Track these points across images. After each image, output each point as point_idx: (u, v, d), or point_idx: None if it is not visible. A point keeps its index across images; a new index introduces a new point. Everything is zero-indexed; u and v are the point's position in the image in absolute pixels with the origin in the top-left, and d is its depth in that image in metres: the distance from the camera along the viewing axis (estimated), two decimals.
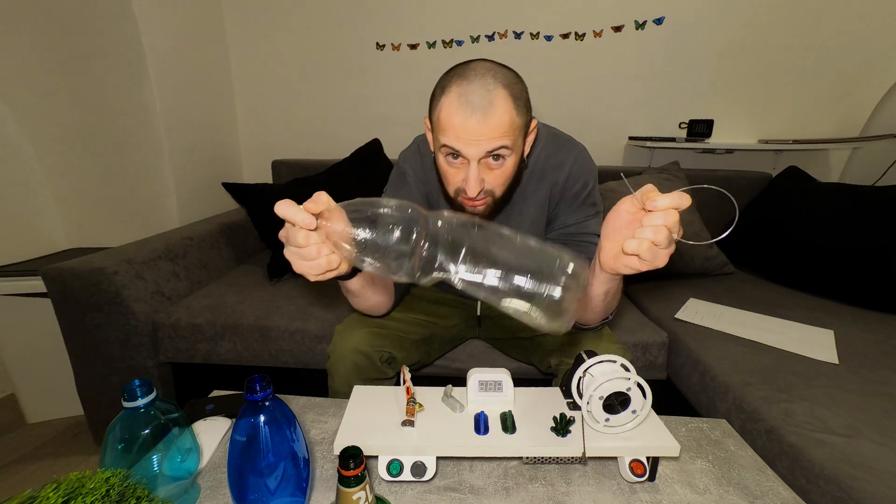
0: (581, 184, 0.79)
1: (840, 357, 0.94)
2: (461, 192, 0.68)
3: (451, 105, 0.62)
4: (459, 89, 0.62)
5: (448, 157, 0.66)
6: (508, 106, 0.62)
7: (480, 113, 0.60)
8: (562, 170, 0.79)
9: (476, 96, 0.60)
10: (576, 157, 0.80)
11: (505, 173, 0.67)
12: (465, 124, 0.61)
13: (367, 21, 1.72)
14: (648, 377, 1.08)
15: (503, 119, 0.61)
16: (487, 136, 0.61)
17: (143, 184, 1.51)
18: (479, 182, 0.64)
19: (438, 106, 0.64)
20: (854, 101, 1.65)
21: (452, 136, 0.62)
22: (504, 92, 0.62)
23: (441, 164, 0.68)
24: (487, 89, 0.61)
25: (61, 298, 1.08)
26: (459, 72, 0.64)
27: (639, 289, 1.38)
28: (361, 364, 0.79)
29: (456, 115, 0.61)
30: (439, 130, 0.64)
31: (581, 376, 0.56)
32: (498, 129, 0.61)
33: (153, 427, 0.48)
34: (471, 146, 0.62)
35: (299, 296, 1.23)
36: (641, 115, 1.75)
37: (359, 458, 0.41)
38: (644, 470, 0.54)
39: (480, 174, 0.65)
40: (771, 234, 1.45)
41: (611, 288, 0.62)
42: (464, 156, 0.63)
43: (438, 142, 0.65)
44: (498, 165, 0.65)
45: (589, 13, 1.65)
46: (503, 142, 0.62)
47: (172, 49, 1.46)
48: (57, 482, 0.39)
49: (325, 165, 1.64)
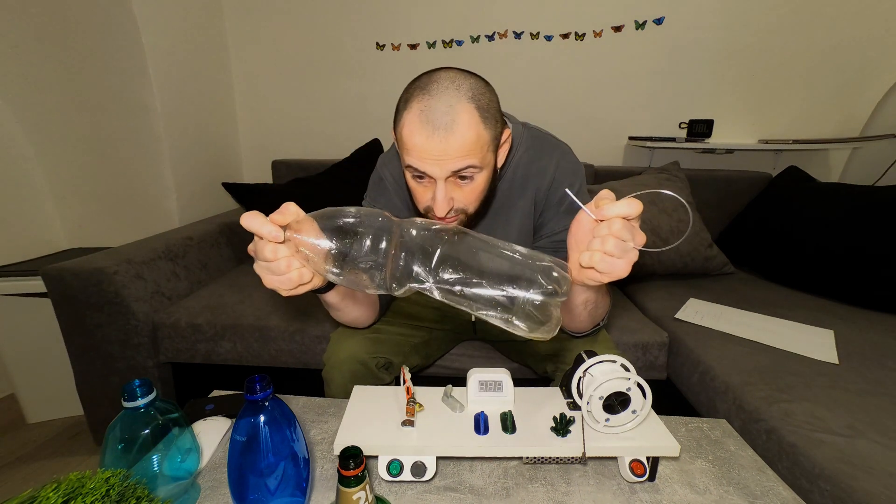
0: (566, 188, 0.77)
1: (840, 357, 0.94)
2: (430, 210, 0.64)
3: (413, 123, 0.58)
4: (420, 105, 0.58)
5: (414, 177, 0.63)
6: (473, 121, 0.58)
7: (442, 132, 0.56)
8: (545, 175, 0.75)
9: (437, 114, 0.56)
10: (558, 160, 0.76)
11: (475, 190, 0.64)
12: (427, 144, 0.57)
13: (367, 21, 1.72)
14: (648, 377, 1.08)
15: (467, 136, 0.57)
16: (451, 155, 0.57)
17: (143, 184, 1.51)
18: (447, 202, 0.61)
19: (401, 122, 0.60)
20: (854, 101, 1.65)
21: (416, 157, 0.59)
22: (468, 106, 0.57)
23: (409, 181, 0.65)
24: (450, 105, 0.57)
25: (61, 298, 1.08)
26: (422, 84, 0.60)
27: (639, 289, 1.38)
28: (358, 372, 0.78)
29: (417, 135, 0.57)
30: (402, 149, 0.61)
31: (581, 376, 0.56)
32: (462, 147, 0.57)
33: (153, 427, 0.48)
34: (434, 166, 0.58)
35: (299, 297, 1.23)
36: (641, 115, 1.75)
37: (359, 458, 0.41)
38: (644, 470, 0.54)
39: (449, 193, 0.61)
40: (771, 234, 1.45)
41: (589, 297, 0.61)
42: (429, 176, 0.60)
43: (404, 161, 0.62)
44: (467, 183, 0.62)
45: (589, 13, 1.65)
46: (468, 161, 0.58)
47: (172, 49, 1.46)
48: (57, 482, 0.39)
49: (325, 165, 1.64)
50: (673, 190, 1.49)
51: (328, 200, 0.77)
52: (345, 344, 0.80)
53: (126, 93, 1.40)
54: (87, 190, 1.52)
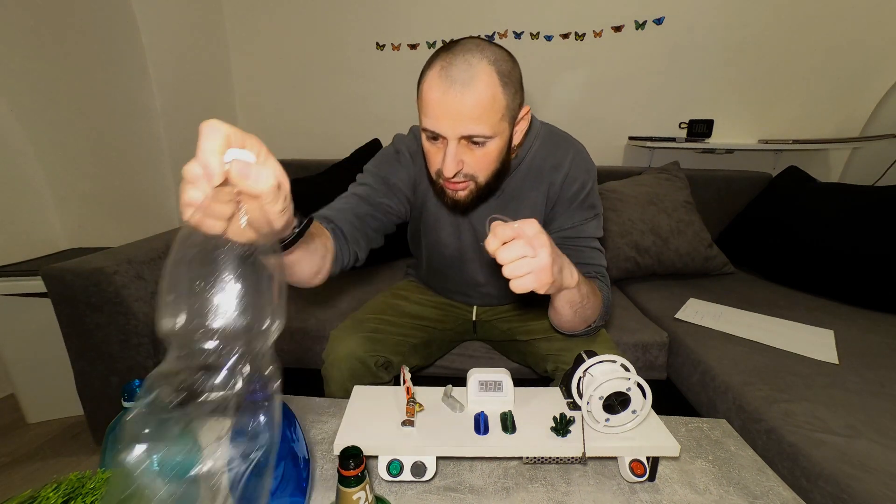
0: (579, 185, 0.76)
1: (840, 357, 0.94)
2: (441, 174, 0.65)
3: (432, 79, 0.59)
4: (442, 63, 0.58)
5: (430, 139, 0.63)
6: (492, 81, 0.58)
7: (459, 87, 0.57)
8: (559, 170, 0.76)
9: (457, 70, 0.57)
10: (573, 156, 0.77)
11: (487, 157, 0.64)
12: (443, 99, 0.57)
13: (367, 21, 1.72)
14: (648, 377, 1.08)
15: (483, 95, 0.57)
16: (466, 114, 0.57)
17: (143, 184, 1.51)
18: (456, 162, 0.61)
19: (422, 81, 0.61)
20: (854, 101, 1.65)
21: (431, 115, 0.59)
22: (489, 68, 0.58)
23: (424, 146, 0.66)
24: (469, 63, 0.57)
25: (61, 298, 1.08)
26: (446, 48, 0.61)
27: (639, 289, 1.38)
28: (357, 370, 0.78)
29: (435, 89, 0.58)
30: (421, 111, 0.62)
31: (581, 376, 0.56)
32: (477, 106, 0.57)
33: None
34: (446, 126, 0.59)
35: (299, 296, 1.23)
36: (641, 115, 1.75)
37: (359, 458, 0.41)
38: (644, 470, 0.54)
39: (459, 155, 0.61)
40: (771, 234, 1.45)
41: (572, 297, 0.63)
42: (441, 135, 0.60)
43: (421, 122, 0.63)
44: (478, 149, 0.62)
45: (589, 13, 1.65)
46: (480, 128, 0.59)
47: (172, 49, 1.46)
48: (57, 482, 0.39)
49: (325, 165, 1.64)
50: (673, 189, 1.49)
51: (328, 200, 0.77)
52: (344, 342, 0.80)
53: (126, 93, 1.40)
54: (87, 190, 1.52)
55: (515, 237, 0.50)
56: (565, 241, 0.76)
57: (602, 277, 0.76)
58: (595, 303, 0.70)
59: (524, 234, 0.51)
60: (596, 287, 0.71)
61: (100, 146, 1.47)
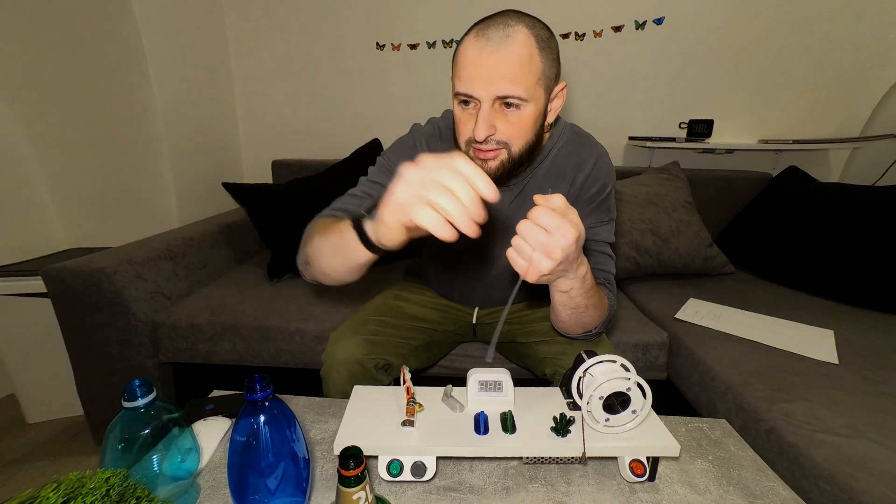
0: (599, 186, 0.76)
1: (840, 357, 0.94)
2: (472, 142, 0.63)
3: (469, 40, 0.59)
4: (480, 26, 0.59)
5: (461, 104, 0.62)
6: (529, 42, 0.57)
7: (494, 44, 0.56)
8: (582, 169, 0.76)
9: (494, 30, 0.57)
10: (597, 158, 0.77)
11: (522, 123, 0.62)
12: (478, 56, 0.57)
13: (367, 21, 1.72)
14: (648, 377, 1.08)
15: (520, 54, 0.56)
16: (500, 73, 0.56)
17: (143, 184, 1.51)
18: (487, 126, 0.59)
19: (458, 49, 0.61)
20: (854, 101, 1.65)
21: (464, 76, 0.59)
22: (526, 31, 0.58)
23: (455, 112, 0.64)
24: (508, 24, 0.57)
25: (61, 298, 1.08)
26: (483, 18, 0.61)
27: (639, 289, 1.38)
28: (355, 372, 0.78)
29: (471, 48, 0.58)
30: (455, 76, 0.61)
31: (581, 376, 0.56)
32: (511, 65, 0.56)
33: (153, 427, 0.48)
34: (478, 81, 0.57)
35: (299, 296, 1.23)
36: (641, 115, 1.75)
37: (359, 458, 0.41)
38: (644, 470, 0.54)
39: (491, 119, 0.60)
40: (771, 234, 1.45)
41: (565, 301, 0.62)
42: (475, 97, 0.59)
43: (454, 88, 0.62)
44: (512, 113, 0.61)
45: (589, 13, 1.65)
46: (513, 89, 0.57)
47: (172, 49, 1.46)
48: (57, 482, 0.39)
49: (325, 165, 1.64)
50: (673, 189, 1.49)
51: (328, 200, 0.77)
52: (343, 344, 0.79)
53: (126, 93, 1.40)
54: (87, 190, 1.52)
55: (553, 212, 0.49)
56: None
57: (609, 285, 0.76)
58: (598, 313, 0.69)
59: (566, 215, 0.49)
60: (605, 297, 0.71)
61: (100, 146, 1.47)
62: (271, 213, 1.38)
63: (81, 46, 1.35)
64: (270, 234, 1.38)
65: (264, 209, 1.39)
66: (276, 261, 1.35)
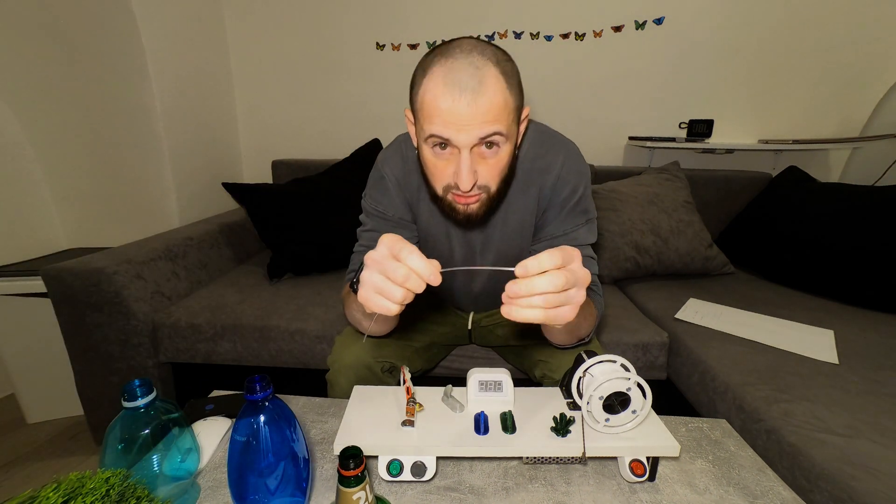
0: (570, 189, 0.72)
1: (840, 357, 0.94)
2: (451, 188, 0.61)
3: (436, 87, 0.55)
4: (444, 69, 0.55)
5: (435, 148, 0.59)
6: (500, 85, 0.55)
7: (470, 93, 0.53)
8: (549, 173, 0.72)
9: (464, 74, 0.54)
10: (564, 158, 0.72)
11: (500, 164, 0.60)
12: (454, 107, 0.54)
13: (367, 21, 1.72)
14: (648, 377, 1.08)
15: (496, 99, 0.54)
16: (479, 119, 0.54)
17: (143, 184, 1.51)
18: (472, 173, 0.57)
19: (421, 90, 0.57)
20: (854, 101, 1.65)
21: (440, 123, 0.55)
22: (495, 70, 0.55)
23: (427, 157, 0.61)
24: (476, 67, 0.54)
25: (61, 298, 1.08)
26: (441, 51, 0.57)
27: (639, 289, 1.38)
28: (363, 376, 0.78)
29: (443, 98, 0.54)
30: (424, 118, 0.57)
31: (581, 376, 0.56)
32: (491, 111, 0.54)
33: (153, 427, 0.48)
34: (461, 132, 0.55)
35: (299, 296, 1.23)
36: (641, 115, 1.75)
37: (359, 458, 0.41)
38: (644, 470, 0.54)
39: (473, 165, 0.57)
40: (771, 234, 1.45)
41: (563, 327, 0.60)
42: (454, 144, 0.56)
43: (424, 132, 0.58)
44: (492, 154, 0.58)
45: (589, 13, 1.65)
46: (497, 127, 0.55)
47: (172, 49, 1.46)
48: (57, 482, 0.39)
49: (324, 165, 1.64)
50: (673, 189, 1.49)
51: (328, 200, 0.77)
52: (350, 348, 0.79)
53: (126, 93, 1.40)
54: (87, 190, 1.52)
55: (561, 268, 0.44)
56: None
57: (594, 286, 0.74)
58: (590, 323, 0.69)
59: (572, 268, 0.45)
60: (593, 305, 0.70)
61: (100, 146, 1.47)
62: (271, 213, 1.38)
63: (81, 46, 1.35)
64: (270, 234, 1.38)
65: (264, 209, 1.39)
66: (276, 261, 1.35)
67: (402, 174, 0.76)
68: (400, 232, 0.76)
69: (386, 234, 0.47)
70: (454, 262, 0.82)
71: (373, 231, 0.77)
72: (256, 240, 1.59)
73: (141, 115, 1.42)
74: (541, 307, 0.43)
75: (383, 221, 0.77)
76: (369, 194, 0.79)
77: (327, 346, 1.11)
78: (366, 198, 0.79)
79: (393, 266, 0.45)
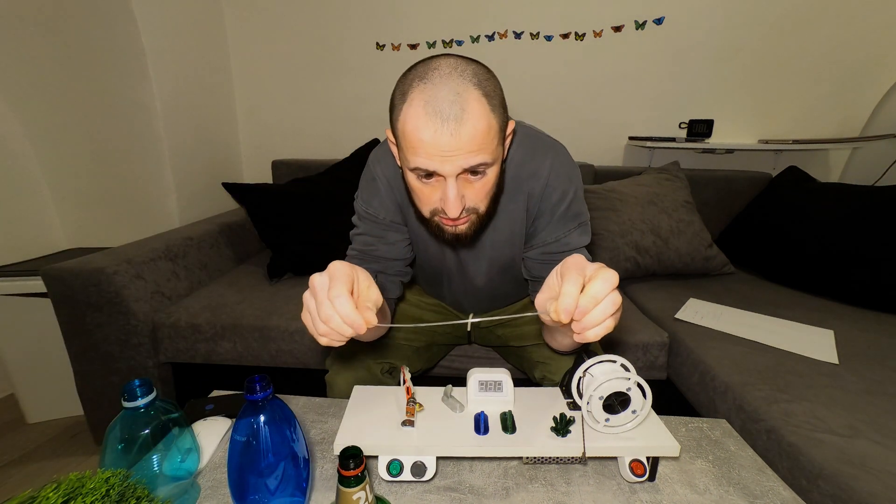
0: (559, 194, 0.70)
1: (840, 357, 0.94)
2: (439, 212, 0.59)
3: (417, 117, 0.52)
4: (423, 96, 0.52)
5: (420, 178, 0.57)
6: (483, 110, 0.53)
7: (453, 123, 0.51)
8: (537, 179, 0.69)
9: (444, 103, 0.51)
10: (552, 162, 0.69)
11: (486, 186, 0.58)
12: (436, 139, 0.52)
13: (367, 21, 1.72)
14: (648, 377, 1.08)
15: (479, 126, 0.52)
16: (464, 149, 0.52)
17: (143, 184, 1.51)
18: (459, 200, 0.56)
19: (402, 117, 0.55)
20: (854, 101, 1.65)
21: (423, 155, 0.53)
22: (476, 93, 0.53)
23: (412, 184, 0.59)
24: (456, 93, 0.52)
25: (61, 298, 1.08)
26: (420, 73, 0.55)
27: (639, 289, 1.38)
28: (362, 377, 0.78)
29: (424, 129, 0.52)
30: (406, 148, 0.55)
31: (581, 376, 0.56)
32: (475, 139, 0.52)
33: (153, 427, 0.48)
34: (446, 163, 0.53)
35: (299, 296, 1.22)
36: (641, 115, 1.75)
37: (359, 458, 0.41)
38: (644, 470, 0.54)
39: (460, 191, 0.56)
40: (771, 234, 1.45)
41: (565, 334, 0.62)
42: (439, 174, 0.55)
43: (408, 162, 0.56)
44: (478, 178, 0.57)
45: (589, 13, 1.65)
46: (482, 157, 0.54)
47: (172, 49, 1.46)
48: (57, 482, 0.39)
49: (324, 165, 1.64)
50: (673, 189, 1.49)
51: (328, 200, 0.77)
52: (349, 349, 0.79)
53: (126, 93, 1.40)
54: (87, 190, 1.52)
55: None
56: (550, 258, 0.72)
57: None
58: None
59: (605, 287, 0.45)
60: None
61: (100, 146, 1.47)
62: (271, 213, 1.38)
63: (82, 46, 1.35)
64: (270, 234, 1.38)
65: (264, 209, 1.39)
66: (275, 261, 1.35)
67: (394, 174, 0.74)
68: (391, 235, 0.76)
69: (335, 263, 0.48)
70: (446, 266, 0.82)
71: (365, 235, 0.76)
72: (256, 240, 1.59)
73: (141, 115, 1.42)
74: (611, 321, 0.45)
75: (374, 224, 0.75)
76: (361, 196, 0.77)
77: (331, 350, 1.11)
78: (358, 199, 0.78)
79: (322, 301, 0.46)
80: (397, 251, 0.76)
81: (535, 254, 0.73)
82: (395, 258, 0.76)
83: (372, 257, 0.75)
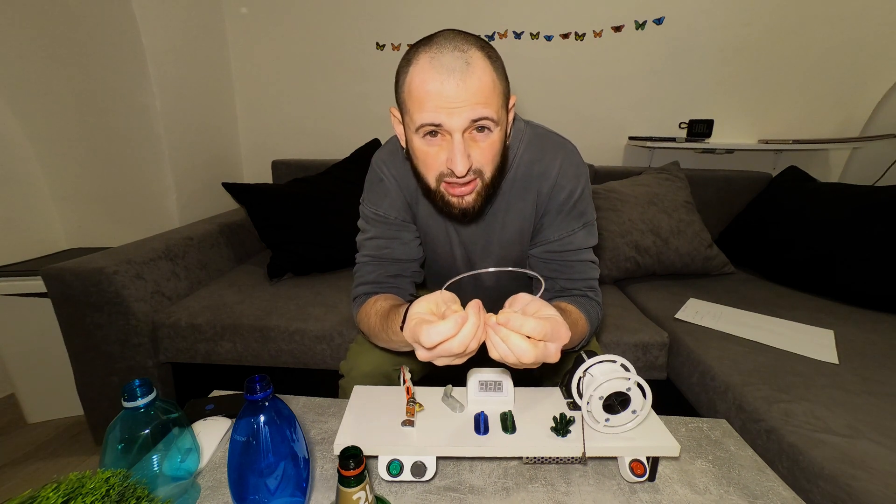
0: (567, 192, 0.70)
1: (840, 357, 0.94)
2: (445, 175, 0.59)
3: (423, 72, 0.54)
4: (428, 55, 0.54)
5: (426, 136, 0.57)
6: (487, 67, 0.54)
7: (458, 74, 0.53)
8: (546, 178, 0.70)
9: (450, 58, 0.53)
10: (561, 161, 0.70)
11: (492, 148, 0.59)
12: (442, 90, 0.53)
13: (367, 21, 1.72)
14: (648, 377, 1.08)
15: (484, 80, 0.54)
16: (470, 101, 0.53)
17: (143, 184, 1.51)
18: (465, 157, 0.56)
19: (407, 79, 0.56)
20: (854, 101, 1.65)
21: (430, 108, 0.54)
22: (480, 53, 0.54)
23: (418, 148, 0.59)
24: (461, 50, 0.54)
25: (61, 298, 1.08)
26: (424, 42, 0.56)
27: (639, 289, 1.38)
28: (379, 383, 0.76)
29: (431, 82, 0.53)
30: (413, 106, 0.56)
31: (581, 376, 0.56)
32: (481, 91, 0.54)
33: (153, 427, 0.48)
34: (453, 115, 0.54)
35: (299, 296, 1.23)
36: (641, 115, 1.75)
37: (359, 458, 0.41)
38: (644, 470, 0.54)
39: (466, 149, 0.56)
40: (771, 234, 1.45)
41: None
42: (445, 129, 0.55)
43: (414, 122, 0.56)
44: (483, 138, 0.57)
45: (589, 13, 1.65)
46: (487, 111, 0.55)
47: (172, 49, 1.46)
48: (57, 482, 0.39)
49: (324, 165, 1.64)
50: (673, 189, 1.49)
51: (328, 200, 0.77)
52: (367, 356, 0.78)
53: (126, 93, 1.40)
54: (87, 190, 1.52)
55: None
56: (551, 257, 0.72)
57: (592, 292, 0.73)
58: (585, 335, 0.69)
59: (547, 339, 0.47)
60: (583, 319, 0.68)
61: (100, 146, 1.46)
62: (271, 212, 1.38)
63: (81, 46, 1.35)
64: (270, 234, 1.38)
65: (264, 209, 1.39)
66: (275, 261, 1.35)
67: (402, 174, 0.74)
68: (405, 235, 0.76)
69: (417, 312, 0.49)
70: (455, 264, 0.82)
71: (377, 238, 0.76)
72: (256, 240, 1.59)
73: (141, 114, 1.42)
74: (503, 354, 0.47)
75: (386, 226, 0.76)
76: (368, 199, 0.77)
77: (327, 347, 1.11)
78: (364, 203, 0.77)
79: (470, 337, 0.46)
80: (412, 251, 0.77)
81: (539, 251, 0.74)
82: (410, 258, 0.77)
83: (389, 260, 0.75)
